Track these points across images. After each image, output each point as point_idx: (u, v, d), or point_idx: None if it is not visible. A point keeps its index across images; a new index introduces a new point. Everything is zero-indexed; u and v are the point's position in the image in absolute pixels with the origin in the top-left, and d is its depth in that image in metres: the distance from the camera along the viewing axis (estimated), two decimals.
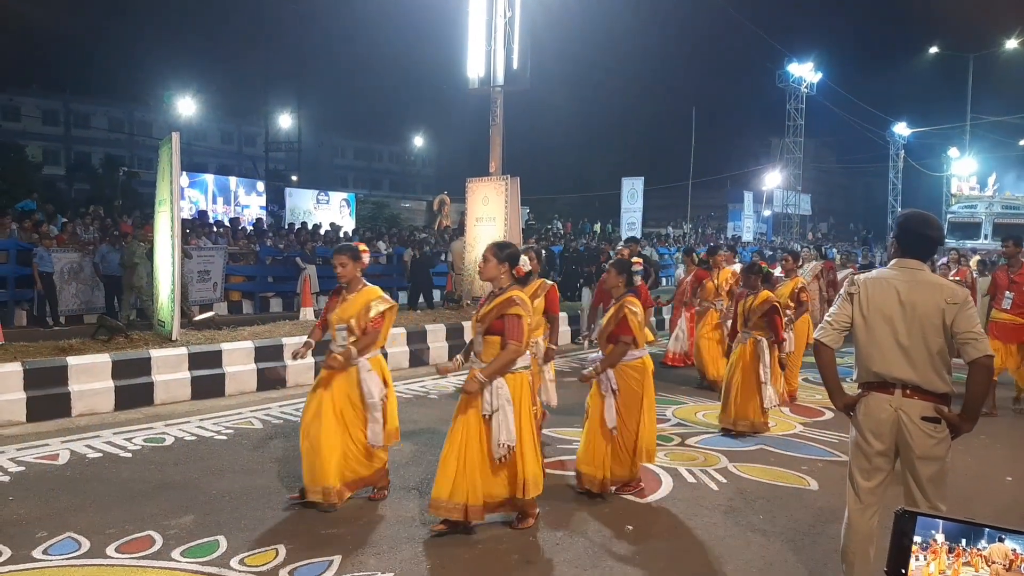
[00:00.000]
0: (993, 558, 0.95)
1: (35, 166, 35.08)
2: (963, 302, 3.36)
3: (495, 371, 4.30)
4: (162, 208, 9.08)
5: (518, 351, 4.33)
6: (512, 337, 4.31)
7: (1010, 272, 8.07)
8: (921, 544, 0.98)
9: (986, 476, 5.96)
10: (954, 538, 0.97)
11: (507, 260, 4.50)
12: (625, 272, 5.35)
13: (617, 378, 5.16)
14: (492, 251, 4.54)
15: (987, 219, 21.98)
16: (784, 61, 34.52)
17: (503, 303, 4.40)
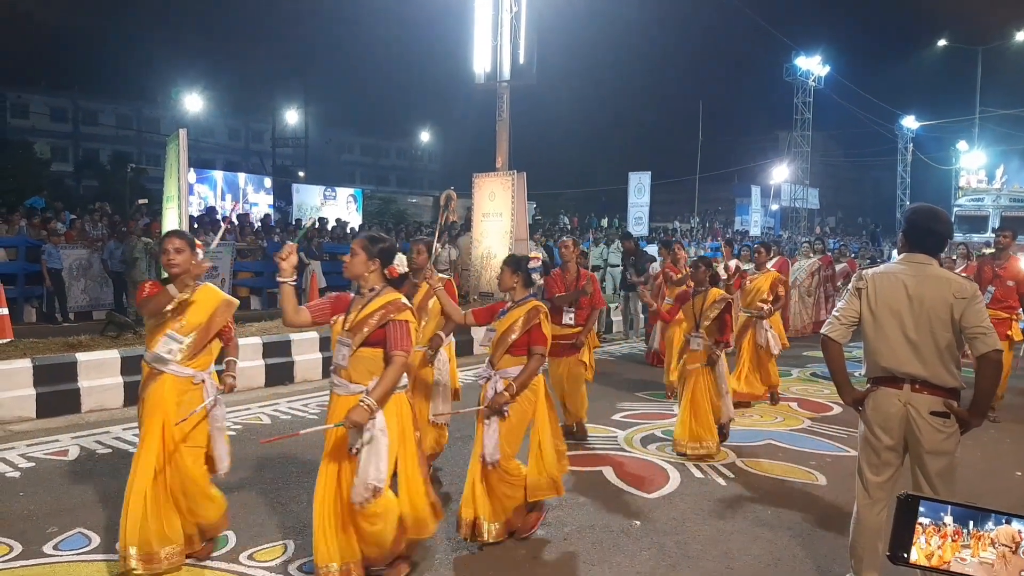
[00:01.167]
0: (1000, 540, 0.96)
1: (43, 163, 35.22)
2: (971, 296, 3.34)
3: (385, 393, 3.49)
4: (170, 205, 9.10)
5: (406, 364, 3.59)
6: (399, 346, 3.54)
7: (996, 265, 7.78)
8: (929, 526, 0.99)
9: (996, 471, 5.94)
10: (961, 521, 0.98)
11: (379, 256, 3.70)
12: (521, 270, 4.56)
13: None
14: (362, 244, 3.72)
15: (994, 212, 21.76)
16: (791, 54, 34.36)
17: (388, 306, 3.59)
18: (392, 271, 3.74)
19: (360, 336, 3.57)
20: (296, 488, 5.17)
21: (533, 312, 4.37)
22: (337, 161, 55.65)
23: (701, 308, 6.20)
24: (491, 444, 4.24)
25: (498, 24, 13.11)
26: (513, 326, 4.36)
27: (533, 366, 4.34)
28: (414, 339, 3.67)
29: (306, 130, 41.59)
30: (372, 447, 3.48)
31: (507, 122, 13.56)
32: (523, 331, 4.34)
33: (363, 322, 3.58)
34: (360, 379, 3.57)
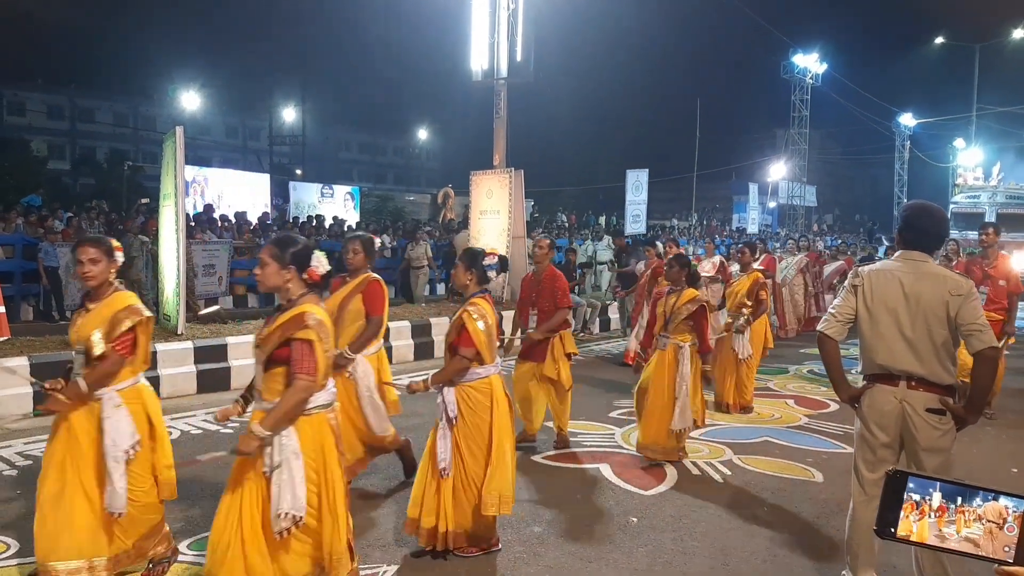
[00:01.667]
0: (987, 516, 0.98)
1: (40, 161, 35.13)
2: (967, 294, 3.35)
3: (280, 419, 3.11)
4: (167, 202, 9.10)
5: (310, 388, 3.16)
6: (302, 370, 3.13)
7: (985, 264, 7.54)
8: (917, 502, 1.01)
9: (992, 468, 5.95)
10: (950, 498, 1.00)
11: (293, 262, 3.27)
12: (476, 267, 4.26)
13: (460, 402, 4.11)
14: (271, 252, 3.29)
15: (990, 209, 21.68)
16: (789, 52, 34.38)
17: (289, 323, 3.19)
18: (312, 274, 3.32)
19: (263, 353, 3.23)
20: None
21: (465, 312, 4.15)
22: (335, 159, 55.60)
23: (672, 308, 5.89)
24: (442, 451, 4.04)
25: (495, 21, 13.10)
26: (451, 328, 4.16)
27: (453, 366, 4.09)
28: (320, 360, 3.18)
29: (303, 128, 41.55)
30: (284, 473, 3.12)
31: (504, 120, 13.56)
32: (455, 332, 4.10)
33: (267, 338, 3.22)
34: (271, 398, 3.21)
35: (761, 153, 43.84)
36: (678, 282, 5.97)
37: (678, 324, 5.83)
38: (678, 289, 5.96)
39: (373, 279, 5.01)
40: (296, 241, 3.37)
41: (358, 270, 5.00)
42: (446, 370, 4.13)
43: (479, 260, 4.29)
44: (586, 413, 7.23)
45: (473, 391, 4.11)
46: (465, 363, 4.07)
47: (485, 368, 4.14)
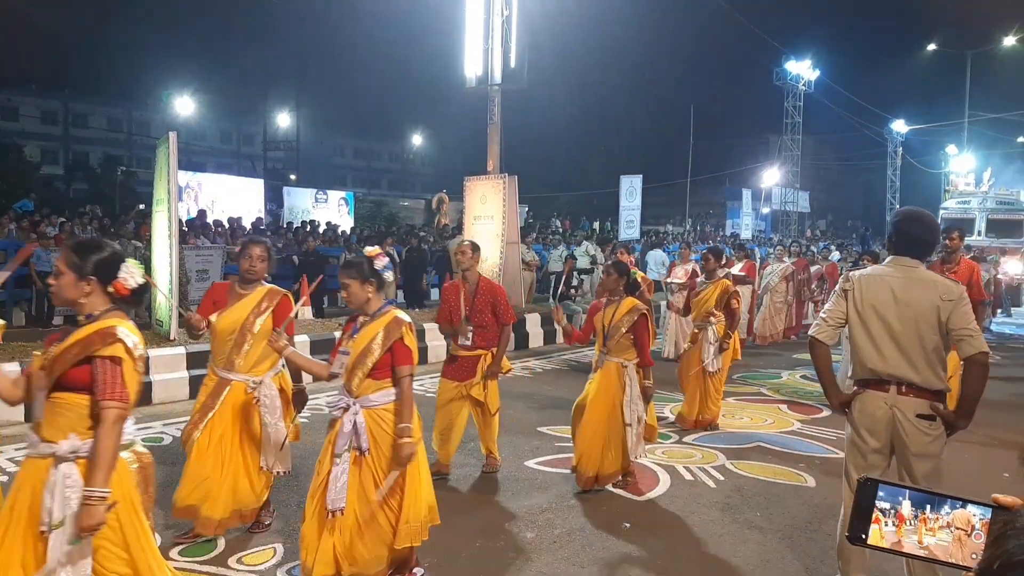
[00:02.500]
0: (956, 523, 1.01)
1: (33, 166, 35.03)
2: (958, 299, 3.37)
3: (108, 467, 2.51)
4: (160, 208, 9.09)
5: (122, 418, 2.56)
6: (110, 394, 2.53)
7: (947, 269, 7.23)
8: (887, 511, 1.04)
9: (983, 473, 5.97)
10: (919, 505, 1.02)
11: (95, 273, 2.69)
12: (373, 277, 3.67)
13: (372, 429, 3.60)
14: (67, 260, 2.71)
15: (980, 215, 21.71)
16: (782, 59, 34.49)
17: (91, 337, 2.60)
18: (119, 287, 2.72)
19: (49, 377, 2.59)
20: (285, 492, 5.16)
21: (394, 325, 3.63)
22: (329, 164, 55.55)
23: (611, 321, 5.27)
24: (338, 488, 3.52)
25: (489, 27, 13.13)
26: (371, 345, 3.60)
27: (408, 391, 3.63)
28: (130, 384, 2.60)
29: (297, 133, 41.55)
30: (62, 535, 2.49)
31: (498, 125, 13.57)
32: (384, 349, 3.60)
33: (60, 358, 2.58)
34: (54, 437, 2.56)
35: (754, 159, 43.95)
36: (616, 292, 5.35)
37: (618, 339, 5.22)
38: (616, 300, 5.34)
39: (284, 294, 4.45)
40: (100, 247, 2.77)
41: (257, 280, 4.43)
42: (405, 400, 3.62)
43: (372, 267, 3.69)
44: None
45: (387, 414, 3.62)
46: (412, 382, 3.67)
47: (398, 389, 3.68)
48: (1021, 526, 0.67)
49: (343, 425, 3.60)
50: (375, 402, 3.62)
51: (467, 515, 4.85)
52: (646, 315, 5.29)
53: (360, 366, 3.60)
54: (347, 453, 3.57)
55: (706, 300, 7.25)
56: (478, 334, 5.50)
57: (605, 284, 5.47)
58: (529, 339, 11.98)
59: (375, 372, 3.61)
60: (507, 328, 5.62)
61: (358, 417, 3.59)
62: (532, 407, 7.70)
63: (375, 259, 3.70)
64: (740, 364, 10.71)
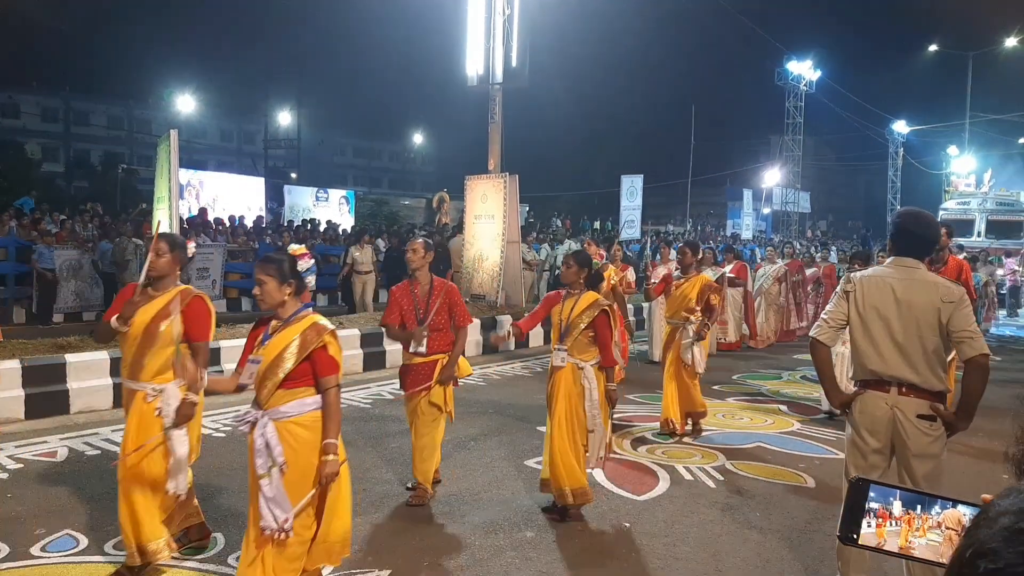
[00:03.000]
0: (947, 524, 1.01)
1: (34, 163, 35.08)
2: (959, 301, 3.37)
3: None
4: (161, 206, 9.09)
5: None
6: None
7: (934, 269, 7.40)
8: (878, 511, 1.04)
9: (983, 474, 5.97)
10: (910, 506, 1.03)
11: None
12: (292, 277, 3.35)
13: (284, 443, 3.25)
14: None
15: (980, 216, 21.62)
16: (783, 59, 34.49)
17: None
18: None
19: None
20: None
21: (312, 332, 3.30)
22: (329, 163, 55.57)
23: (569, 316, 4.84)
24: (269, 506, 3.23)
25: (491, 27, 13.14)
26: (285, 352, 3.26)
27: (334, 404, 3.30)
28: None
29: (298, 131, 41.53)
30: None
31: (500, 124, 13.58)
32: (300, 357, 3.26)
33: None
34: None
35: (755, 159, 43.97)
36: (576, 285, 4.93)
37: (577, 336, 4.78)
38: (576, 293, 4.91)
39: (196, 295, 4.03)
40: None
41: (165, 277, 4.00)
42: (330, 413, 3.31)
43: (292, 267, 3.37)
44: None
45: (299, 428, 3.28)
46: (339, 393, 3.37)
47: (316, 398, 3.35)
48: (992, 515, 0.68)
49: (254, 442, 3.29)
50: (286, 413, 3.29)
51: (466, 514, 4.85)
52: (607, 311, 4.85)
53: (271, 376, 3.27)
54: (275, 471, 3.24)
55: (685, 295, 6.86)
56: (434, 338, 5.07)
57: (565, 276, 5.03)
58: (529, 338, 11.97)
59: (288, 382, 3.28)
60: (464, 331, 5.24)
61: (268, 430, 3.26)
62: (531, 406, 7.70)
63: (299, 259, 3.38)
64: (740, 363, 10.73)
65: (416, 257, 5.18)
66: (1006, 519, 0.65)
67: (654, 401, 8.08)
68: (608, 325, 4.81)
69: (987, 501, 0.95)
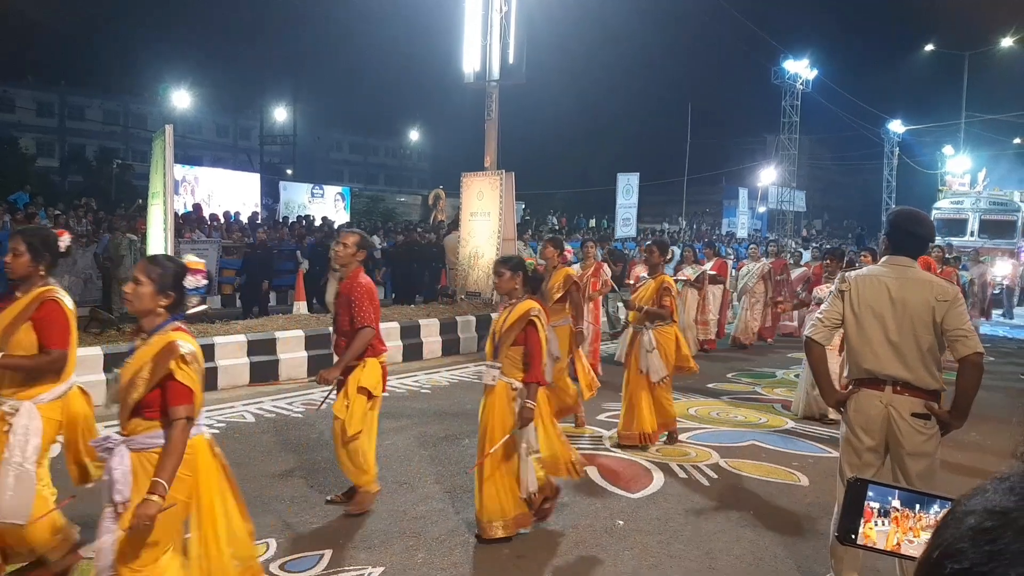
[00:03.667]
0: None
1: (29, 158, 34.94)
2: (953, 299, 3.38)
3: None
4: (155, 201, 9.06)
5: None
6: None
7: None
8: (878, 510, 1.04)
9: (977, 473, 5.98)
10: (908, 505, 1.03)
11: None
12: (171, 289, 2.95)
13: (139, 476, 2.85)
14: None
15: (974, 215, 21.58)
16: (780, 58, 34.53)
17: None
18: None
19: None
20: (279, 487, 5.16)
21: (164, 354, 2.85)
22: (326, 159, 55.55)
23: (501, 328, 4.34)
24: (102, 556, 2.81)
25: (488, 23, 13.11)
26: (137, 377, 2.84)
27: (177, 439, 2.82)
28: None
29: (294, 128, 41.48)
30: None
31: (496, 122, 13.56)
32: (150, 385, 2.83)
33: None
34: None
35: (751, 158, 44.04)
36: (512, 293, 4.39)
37: (507, 351, 4.29)
38: (512, 302, 4.39)
39: (49, 298, 3.58)
40: None
41: (29, 279, 3.60)
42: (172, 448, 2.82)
43: (175, 276, 2.96)
44: None
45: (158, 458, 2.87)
46: (188, 428, 2.89)
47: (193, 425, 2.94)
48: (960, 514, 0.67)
49: (104, 472, 2.90)
50: (148, 443, 2.87)
51: (460, 511, 4.84)
52: (535, 321, 4.28)
53: (125, 401, 2.87)
54: (110, 509, 2.82)
55: (644, 298, 6.39)
56: (341, 342, 4.66)
57: (498, 287, 4.47)
58: None
59: (144, 410, 2.86)
60: (361, 332, 4.57)
61: (124, 458, 2.84)
62: None
63: (192, 273, 2.99)
64: (738, 362, 10.73)
65: (344, 252, 4.66)
66: (972, 519, 0.65)
67: None
68: (537, 337, 4.27)
69: None
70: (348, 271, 4.71)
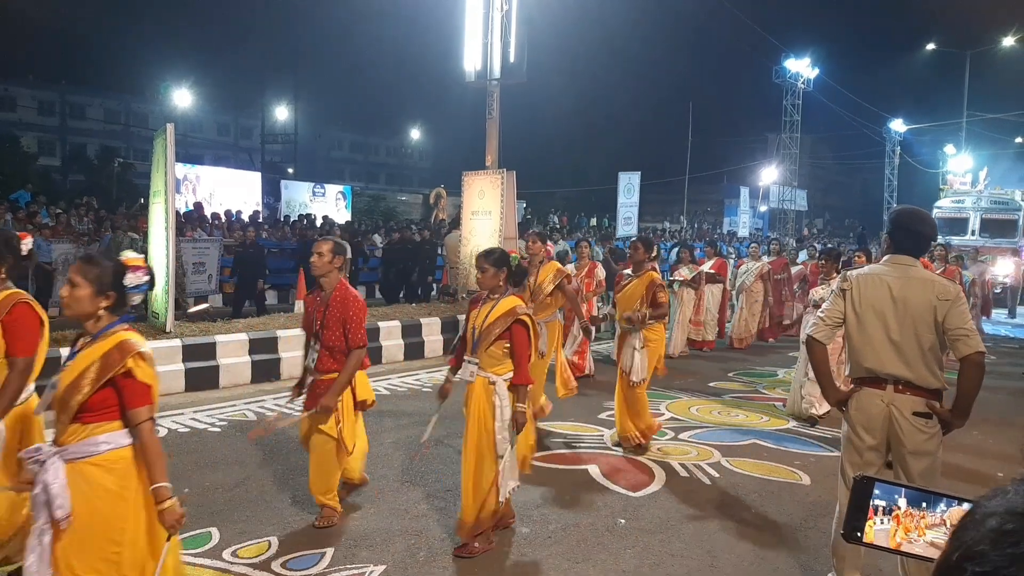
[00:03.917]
0: (952, 521, 1.01)
1: (30, 157, 34.97)
2: (955, 298, 3.37)
3: None
4: (157, 199, 9.06)
5: None
6: None
7: None
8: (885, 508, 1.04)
9: (978, 472, 5.98)
10: (915, 504, 1.03)
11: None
12: (114, 289, 2.76)
13: (75, 490, 2.63)
14: None
15: (975, 214, 21.49)
16: (781, 57, 34.50)
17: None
18: None
19: None
20: (280, 485, 5.16)
21: (115, 353, 2.67)
22: (327, 158, 55.54)
23: (483, 323, 4.18)
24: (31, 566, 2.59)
25: (489, 22, 13.10)
26: (82, 379, 2.64)
27: (150, 441, 2.71)
28: None
29: (295, 126, 41.47)
30: None
31: (497, 120, 13.55)
32: (97, 385, 2.63)
33: None
34: None
35: (752, 157, 43.99)
36: (495, 288, 4.25)
37: (488, 347, 4.15)
38: (494, 297, 4.25)
39: (20, 300, 3.42)
40: None
41: None
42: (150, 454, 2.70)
43: (119, 277, 2.78)
44: (575, 414, 7.24)
45: (96, 470, 2.66)
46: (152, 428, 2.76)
47: (118, 434, 2.71)
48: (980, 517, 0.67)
49: (35, 487, 2.63)
50: (81, 453, 2.65)
51: (458, 508, 4.84)
52: (525, 320, 4.15)
53: (65, 407, 2.65)
54: (46, 528, 2.59)
55: (632, 295, 6.21)
56: (326, 356, 4.41)
57: (481, 282, 4.29)
58: None
59: (84, 415, 2.65)
60: (355, 353, 4.40)
61: (57, 472, 2.61)
62: None
63: (131, 270, 2.79)
64: (738, 362, 10.73)
65: (321, 262, 4.42)
66: (993, 520, 0.64)
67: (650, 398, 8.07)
68: (526, 338, 4.14)
69: None
70: (330, 281, 4.48)
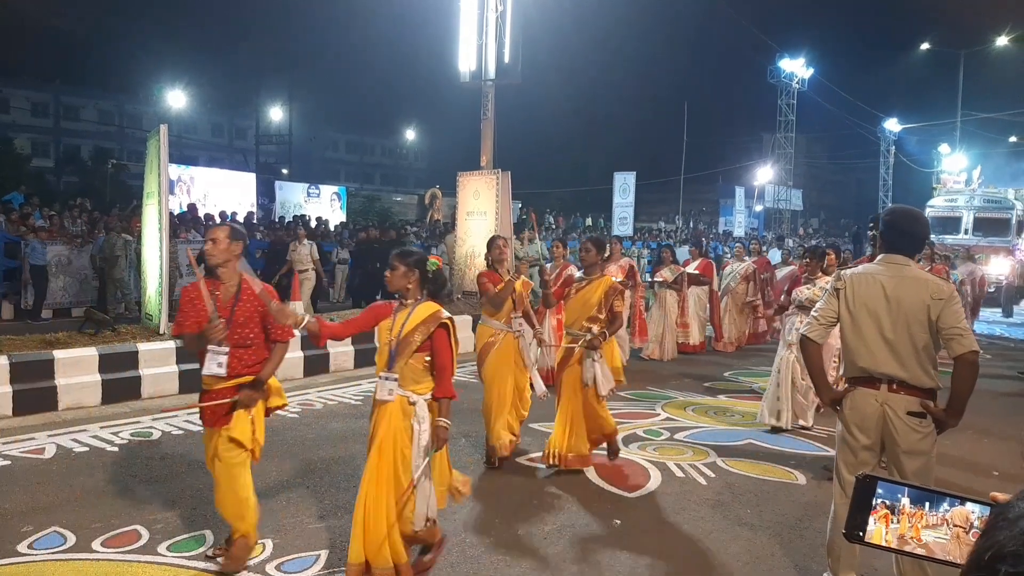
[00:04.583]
0: (955, 520, 1.01)
1: (24, 158, 34.84)
2: (948, 298, 3.37)
3: None
4: (150, 201, 9.04)
5: None
6: None
7: None
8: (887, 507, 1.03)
9: (973, 471, 5.99)
10: (917, 503, 1.02)
11: None
12: None
13: None
14: None
15: (968, 213, 21.48)
16: (776, 56, 34.60)
17: None
18: None
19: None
20: (275, 488, 5.15)
21: None
22: (321, 158, 55.45)
23: (399, 332, 3.72)
24: None
25: (483, 23, 13.10)
26: None
27: None
28: None
29: (290, 127, 41.43)
30: None
31: (492, 121, 13.54)
32: None
33: None
34: None
35: (748, 157, 44.05)
36: (406, 292, 3.81)
37: (408, 360, 3.70)
38: (409, 304, 3.80)
39: None
40: None
41: None
42: None
43: None
44: None
45: None
46: None
47: None
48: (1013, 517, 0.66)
49: None
50: None
51: (456, 511, 4.83)
52: (447, 325, 3.77)
53: None
54: None
55: (586, 301, 5.57)
56: (237, 356, 3.88)
57: (391, 283, 3.81)
58: None
59: None
60: (281, 346, 4.02)
61: None
62: None
63: None
64: (735, 361, 10.73)
65: (217, 249, 3.94)
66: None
67: (646, 399, 8.09)
68: (448, 345, 3.76)
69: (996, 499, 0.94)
70: (229, 271, 3.98)
